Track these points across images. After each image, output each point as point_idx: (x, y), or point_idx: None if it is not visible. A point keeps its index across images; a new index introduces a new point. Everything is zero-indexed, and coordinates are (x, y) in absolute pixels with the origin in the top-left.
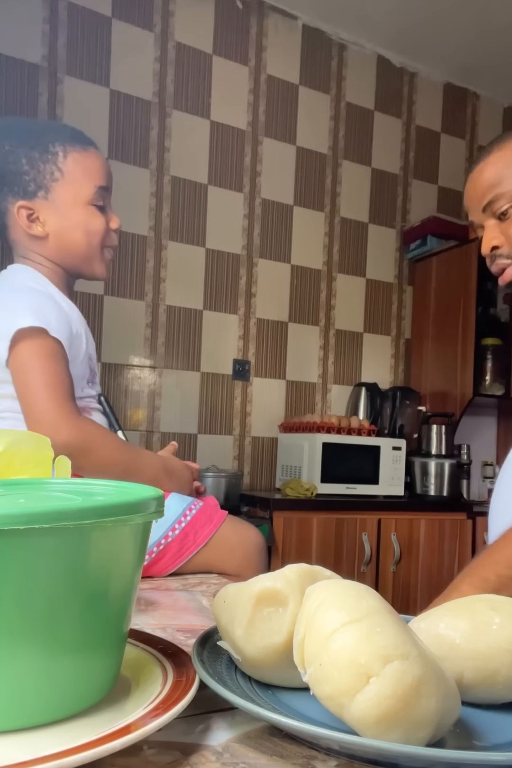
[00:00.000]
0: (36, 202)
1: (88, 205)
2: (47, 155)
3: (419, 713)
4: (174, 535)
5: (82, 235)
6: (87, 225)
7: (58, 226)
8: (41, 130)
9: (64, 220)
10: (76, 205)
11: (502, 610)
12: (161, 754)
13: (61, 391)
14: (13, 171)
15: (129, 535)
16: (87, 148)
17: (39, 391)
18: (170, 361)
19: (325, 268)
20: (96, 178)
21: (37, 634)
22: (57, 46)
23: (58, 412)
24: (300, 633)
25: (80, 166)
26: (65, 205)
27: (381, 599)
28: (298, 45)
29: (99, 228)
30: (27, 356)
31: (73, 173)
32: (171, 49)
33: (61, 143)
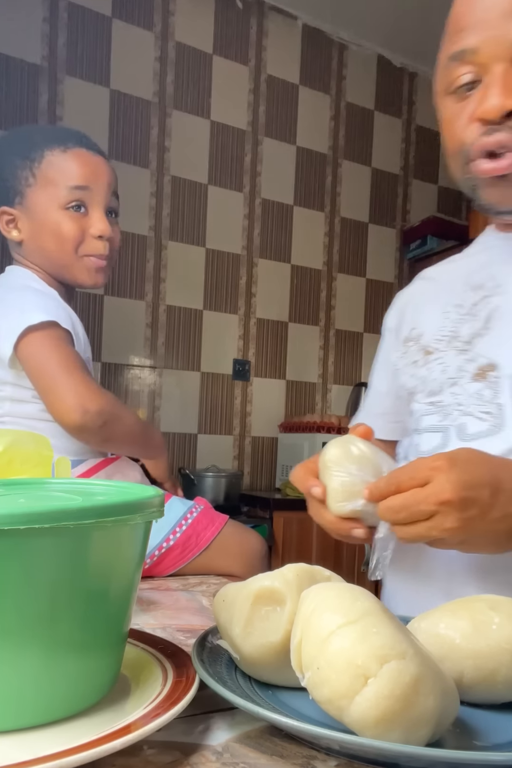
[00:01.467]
0: (15, 209)
1: (60, 209)
2: (26, 161)
3: (418, 712)
4: (175, 538)
5: (53, 241)
6: (57, 230)
7: (30, 231)
8: (27, 137)
9: (36, 226)
10: (47, 210)
11: (502, 610)
12: (161, 754)
13: (80, 367)
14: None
15: (129, 535)
16: (67, 149)
17: (57, 368)
18: (170, 361)
19: (325, 268)
20: (70, 178)
21: (37, 634)
22: (57, 46)
23: (85, 384)
24: (296, 637)
25: (54, 168)
26: (37, 210)
27: (376, 600)
28: (298, 45)
29: (70, 233)
30: (38, 343)
31: (46, 177)
32: (171, 49)
33: (40, 148)
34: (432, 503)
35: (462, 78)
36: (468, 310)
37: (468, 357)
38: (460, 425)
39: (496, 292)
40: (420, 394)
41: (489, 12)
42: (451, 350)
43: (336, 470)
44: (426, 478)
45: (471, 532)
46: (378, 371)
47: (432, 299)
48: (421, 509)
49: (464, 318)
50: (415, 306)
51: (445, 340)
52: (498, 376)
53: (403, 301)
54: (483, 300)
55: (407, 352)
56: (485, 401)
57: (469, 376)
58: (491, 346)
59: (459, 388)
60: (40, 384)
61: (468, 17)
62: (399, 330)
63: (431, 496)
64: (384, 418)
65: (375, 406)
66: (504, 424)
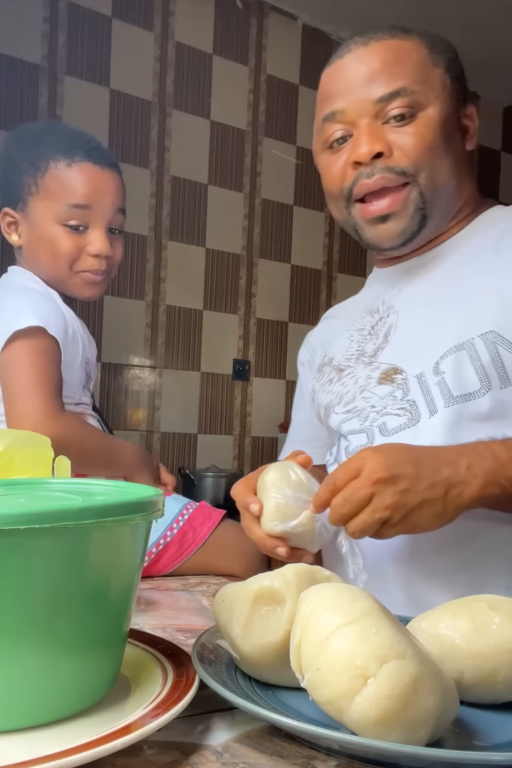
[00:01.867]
0: (18, 213)
1: (57, 224)
2: (31, 169)
3: (418, 711)
4: (172, 535)
5: (48, 255)
6: (53, 246)
7: (28, 240)
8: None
9: (33, 235)
10: (46, 223)
11: (502, 610)
12: (161, 754)
13: (48, 387)
14: (6, 178)
15: (129, 535)
16: (73, 163)
17: (24, 386)
18: (170, 361)
19: (325, 268)
20: (71, 196)
21: (37, 634)
22: (57, 46)
23: (41, 408)
24: (296, 638)
25: (57, 183)
26: (36, 220)
27: (375, 600)
28: (298, 45)
29: (65, 251)
30: (18, 352)
31: (48, 189)
32: (171, 49)
33: (46, 158)
34: (368, 486)
35: (335, 134)
36: (369, 331)
37: (373, 367)
38: (381, 424)
39: (389, 313)
40: (338, 406)
41: (351, 81)
42: (360, 365)
43: (273, 492)
44: (357, 469)
45: (408, 504)
46: (296, 403)
47: (338, 331)
48: (360, 495)
49: (366, 338)
50: (324, 340)
51: (353, 357)
52: (406, 378)
53: (313, 338)
54: (380, 321)
55: (322, 375)
56: (398, 400)
57: (375, 381)
58: (391, 354)
59: (367, 392)
60: (5, 395)
61: (334, 86)
62: (311, 362)
63: (365, 480)
64: (307, 444)
65: (298, 434)
66: (420, 415)
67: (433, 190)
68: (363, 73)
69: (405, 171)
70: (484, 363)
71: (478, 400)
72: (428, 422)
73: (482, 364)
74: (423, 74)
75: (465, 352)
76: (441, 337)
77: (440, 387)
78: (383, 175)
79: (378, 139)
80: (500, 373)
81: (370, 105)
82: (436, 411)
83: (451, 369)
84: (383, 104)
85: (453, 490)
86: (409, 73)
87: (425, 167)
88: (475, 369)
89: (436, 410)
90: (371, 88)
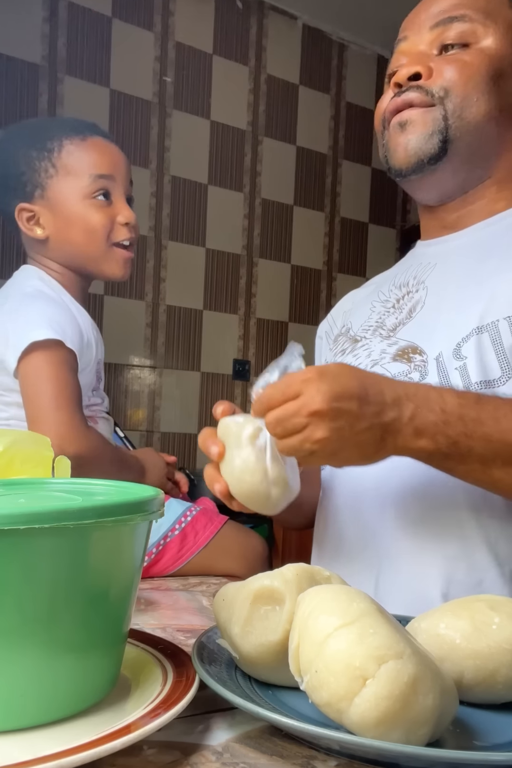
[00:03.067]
0: (35, 203)
1: (86, 198)
2: (43, 152)
3: (417, 711)
4: (173, 536)
5: (82, 234)
6: (85, 221)
7: (55, 225)
8: (42, 128)
9: (61, 219)
10: (72, 201)
11: (502, 610)
12: (161, 754)
13: (72, 401)
14: (13, 174)
15: (129, 535)
16: (86, 138)
17: (48, 399)
18: (170, 361)
19: (325, 268)
20: (93, 167)
21: (37, 634)
22: (57, 46)
23: (68, 422)
24: (294, 641)
25: (75, 158)
26: (61, 202)
27: (372, 601)
28: (298, 45)
29: (100, 224)
30: (40, 363)
31: (67, 166)
32: (171, 49)
33: (58, 138)
34: (303, 415)
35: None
36: (393, 304)
37: (390, 342)
38: None
39: (419, 288)
40: None
41: (421, 9)
42: (376, 338)
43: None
44: (296, 392)
45: (340, 442)
46: None
47: (362, 301)
48: (293, 422)
49: (389, 311)
50: (346, 310)
51: (371, 329)
52: (425, 361)
53: (336, 309)
54: (407, 295)
55: (337, 345)
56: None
57: (389, 357)
58: (411, 332)
59: (379, 368)
60: (27, 410)
61: (408, 17)
62: (330, 333)
63: (302, 408)
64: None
65: None
66: None
67: (461, 120)
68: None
69: (434, 92)
70: (506, 348)
71: (499, 389)
72: None
73: (503, 348)
74: (491, 7)
75: (487, 335)
76: (464, 318)
77: (461, 373)
78: (412, 93)
79: (420, 61)
80: None
81: (427, 31)
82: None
83: (473, 353)
84: (439, 30)
85: (389, 437)
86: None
87: (456, 93)
88: (497, 354)
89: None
90: (434, 12)
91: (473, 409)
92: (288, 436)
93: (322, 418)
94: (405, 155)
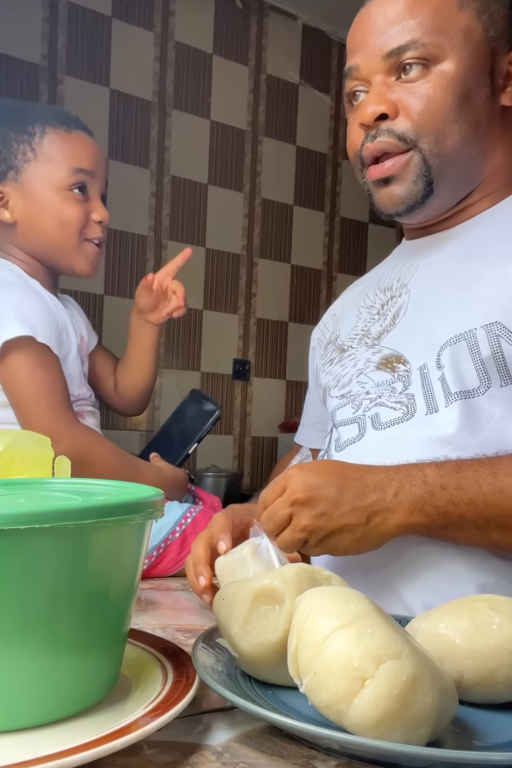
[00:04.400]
0: (6, 185)
1: (63, 190)
2: (23, 135)
3: (417, 710)
4: (174, 539)
5: (53, 224)
6: (59, 212)
7: (26, 211)
8: (24, 111)
9: (33, 206)
10: (48, 190)
11: (502, 610)
12: (161, 754)
13: (55, 400)
14: None
15: (129, 535)
16: (70, 130)
17: (32, 403)
18: (170, 361)
19: (325, 268)
20: (75, 160)
21: (38, 634)
22: (57, 46)
23: (54, 422)
24: (292, 644)
25: (57, 147)
26: (36, 188)
27: (370, 601)
28: (298, 45)
29: (74, 217)
30: (16, 368)
31: (48, 154)
32: (171, 49)
33: (41, 124)
34: (287, 506)
35: (353, 89)
36: (378, 310)
37: (374, 350)
38: (374, 415)
39: (402, 292)
40: (334, 389)
41: (367, 33)
42: (362, 346)
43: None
44: (282, 488)
45: (326, 528)
46: (309, 387)
47: (350, 305)
48: (280, 514)
49: (374, 317)
50: (336, 315)
51: (357, 338)
52: (409, 371)
53: (328, 314)
54: (391, 300)
55: (326, 353)
56: (397, 393)
57: (373, 366)
58: (395, 340)
59: (364, 377)
60: (15, 410)
61: (353, 39)
62: (322, 340)
63: (285, 500)
64: (313, 427)
65: (305, 418)
66: (416, 409)
67: (439, 157)
68: (379, 25)
69: (406, 136)
70: (484, 357)
71: (477, 398)
72: (424, 419)
73: (482, 358)
74: (442, 21)
75: (465, 343)
76: (444, 325)
77: (442, 383)
78: (384, 139)
79: (384, 99)
80: (500, 369)
81: (380, 60)
82: (437, 410)
83: (450, 362)
84: (394, 59)
85: (377, 517)
86: (424, 21)
87: (428, 132)
88: (474, 363)
89: (437, 408)
90: (383, 40)
91: (453, 477)
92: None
93: (303, 506)
94: (391, 204)
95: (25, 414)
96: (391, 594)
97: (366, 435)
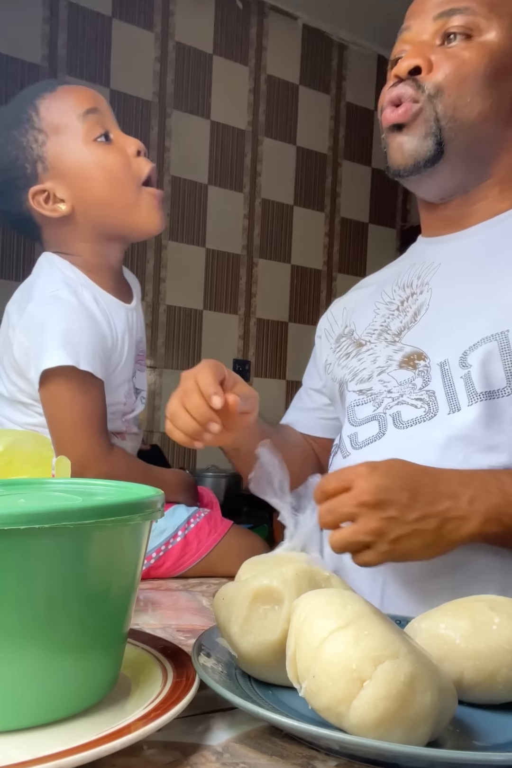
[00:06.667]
0: (44, 182)
1: (89, 144)
2: (23, 125)
3: (416, 709)
4: (175, 542)
5: (102, 182)
6: (101, 166)
7: (74, 190)
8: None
9: (75, 179)
10: (76, 151)
11: (502, 610)
12: (161, 754)
13: (91, 428)
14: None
15: (129, 535)
16: (55, 88)
17: (68, 430)
18: (170, 361)
19: (325, 268)
20: (76, 107)
21: (37, 634)
22: (57, 46)
23: (88, 450)
24: (291, 648)
25: (55, 109)
26: (67, 160)
27: (367, 602)
28: (298, 45)
29: (116, 162)
30: (56, 394)
31: (53, 123)
32: (171, 49)
33: (29, 103)
34: (353, 505)
35: (398, 56)
36: (397, 306)
37: (396, 348)
38: (396, 413)
39: (423, 290)
40: (351, 383)
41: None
42: (381, 342)
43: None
44: (348, 482)
45: (393, 532)
46: (309, 373)
47: (365, 301)
48: (344, 511)
49: (394, 314)
50: (346, 308)
51: (376, 333)
52: (428, 366)
53: (336, 306)
54: (411, 297)
55: (340, 347)
56: (417, 389)
57: (396, 364)
58: (417, 337)
59: (386, 375)
60: (50, 432)
61: (412, 5)
62: (330, 332)
63: (352, 498)
64: (316, 413)
65: (307, 402)
66: (438, 408)
67: (454, 121)
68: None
69: (426, 88)
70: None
71: (502, 399)
72: (447, 418)
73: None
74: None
75: (496, 344)
76: (473, 325)
77: (465, 381)
78: (404, 88)
79: (421, 54)
80: None
81: (431, 21)
82: (459, 408)
83: (478, 362)
84: (443, 20)
85: (450, 524)
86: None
87: (449, 94)
88: (504, 364)
89: (459, 407)
90: (438, 2)
91: None
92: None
93: (372, 509)
94: (402, 157)
95: (59, 440)
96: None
97: (387, 433)
